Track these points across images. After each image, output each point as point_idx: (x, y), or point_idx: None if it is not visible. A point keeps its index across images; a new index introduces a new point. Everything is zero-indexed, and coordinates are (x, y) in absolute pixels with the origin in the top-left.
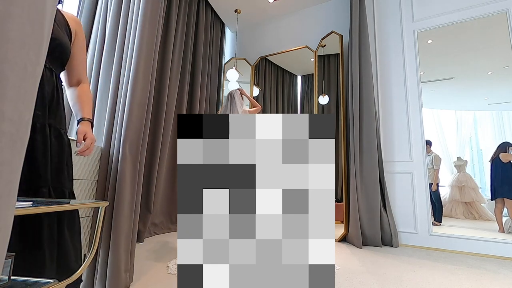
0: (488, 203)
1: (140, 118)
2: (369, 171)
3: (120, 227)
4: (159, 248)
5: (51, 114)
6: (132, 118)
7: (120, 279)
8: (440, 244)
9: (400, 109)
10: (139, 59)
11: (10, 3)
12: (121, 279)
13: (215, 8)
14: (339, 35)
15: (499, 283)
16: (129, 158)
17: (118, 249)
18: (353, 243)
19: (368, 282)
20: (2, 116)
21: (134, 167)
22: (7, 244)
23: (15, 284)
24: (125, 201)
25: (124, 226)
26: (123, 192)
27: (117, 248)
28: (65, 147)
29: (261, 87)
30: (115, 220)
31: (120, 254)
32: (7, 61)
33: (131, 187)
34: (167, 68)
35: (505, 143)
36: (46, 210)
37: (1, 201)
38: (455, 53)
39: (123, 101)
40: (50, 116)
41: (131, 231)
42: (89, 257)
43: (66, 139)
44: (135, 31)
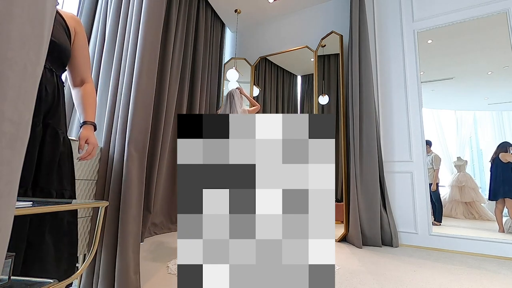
0: (488, 203)
1: (146, 119)
2: (369, 171)
3: (128, 228)
4: (159, 248)
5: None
6: (137, 118)
7: (130, 282)
8: (440, 244)
9: (400, 109)
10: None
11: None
12: (131, 282)
13: (215, 8)
14: (339, 35)
15: (499, 283)
16: (136, 158)
17: (126, 251)
18: (353, 243)
19: (368, 282)
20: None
21: (141, 168)
22: (7, 244)
23: (15, 284)
24: (133, 202)
25: (133, 227)
26: (130, 193)
27: (125, 250)
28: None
29: (261, 87)
30: (122, 221)
31: (129, 256)
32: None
33: (139, 188)
34: (167, 68)
35: (505, 142)
36: (46, 210)
37: (1, 201)
38: (455, 53)
39: (124, 101)
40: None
41: (139, 232)
42: (89, 257)
43: (63, 139)
44: (136, 31)
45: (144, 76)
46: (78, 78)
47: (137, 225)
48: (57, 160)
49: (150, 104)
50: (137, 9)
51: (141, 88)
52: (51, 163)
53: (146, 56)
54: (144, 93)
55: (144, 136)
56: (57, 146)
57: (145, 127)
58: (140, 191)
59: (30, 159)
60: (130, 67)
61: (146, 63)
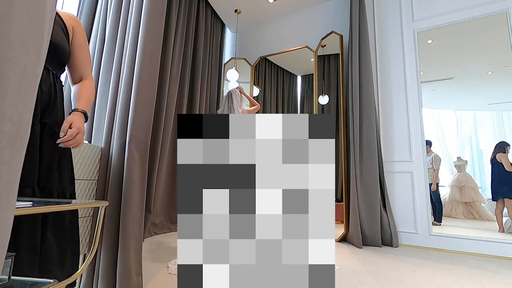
0: (488, 203)
1: (148, 118)
2: (369, 171)
3: (129, 229)
4: (159, 248)
5: (46, 113)
6: (139, 118)
7: (132, 283)
8: (440, 244)
9: (400, 109)
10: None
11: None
12: (133, 283)
13: (215, 8)
14: (339, 35)
15: (499, 283)
16: (138, 158)
17: (128, 252)
18: (353, 243)
19: (368, 282)
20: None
21: (143, 168)
22: (7, 244)
23: (15, 284)
24: (134, 202)
25: (134, 228)
26: (132, 193)
27: (127, 251)
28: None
29: (261, 87)
30: (123, 221)
31: (130, 257)
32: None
33: (141, 188)
34: (167, 68)
35: (502, 142)
36: (46, 210)
37: (1, 201)
38: (455, 53)
39: (125, 101)
40: (45, 115)
41: (140, 233)
42: (89, 257)
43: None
44: (137, 31)
45: (146, 76)
46: (77, 76)
47: (139, 226)
48: (56, 159)
49: (152, 104)
50: (137, 9)
51: (142, 88)
52: (50, 162)
53: (147, 56)
54: (145, 93)
55: (146, 136)
56: (55, 145)
57: (147, 127)
58: (142, 191)
59: (32, 159)
60: (131, 68)
61: (147, 63)
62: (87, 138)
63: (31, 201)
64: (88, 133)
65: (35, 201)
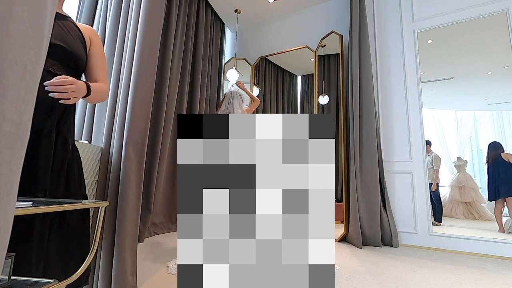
0: (488, 203)
1: (145, 119)
2: (369, 171)
3: (125, 229)
4: (159, 248)
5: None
6: (135, 119)
7: (127, 282)
8: (440, 244)
9: (400, 109)
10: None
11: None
12: (128, 282)
13: (215, 8)
14: (339, 35)
15: (499, 283)
16: (134, 159)
17: (123, 252)
18: (353, 243)
19: (368, 282)
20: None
21: (139, 169)
22: (7, 244)
23: (15, 284)
24: (130, 203)
25: (130, 228)
26: (127, 194)
27: (122, 251)
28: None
29: (261, 87)
30: (119, 221)
31: (126, 257)
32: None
33: (137, 189)
34: (167, 68)
35: (496, 142)
36: (46, 210)
37: (1, 201)
38: (455, 53)
39: (123, 102)
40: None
41: (136, 233)
42: (89, 257)
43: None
44: (136, 30)
45: (143, 77)
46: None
47: (135, 226)
48: (65, 168)
49: (149, 105)
50: (137, 9)
51: (139, 89)
52: (60, 169)
53: (145, 56)
54: (142, 93)
55: (143, 137)
56: (66, 154)
57: (143, 128)
58: (138, 192)
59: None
60: (129, 68)
61: (145, 64)
62: (87, 138)
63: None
64: (88, 133)
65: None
